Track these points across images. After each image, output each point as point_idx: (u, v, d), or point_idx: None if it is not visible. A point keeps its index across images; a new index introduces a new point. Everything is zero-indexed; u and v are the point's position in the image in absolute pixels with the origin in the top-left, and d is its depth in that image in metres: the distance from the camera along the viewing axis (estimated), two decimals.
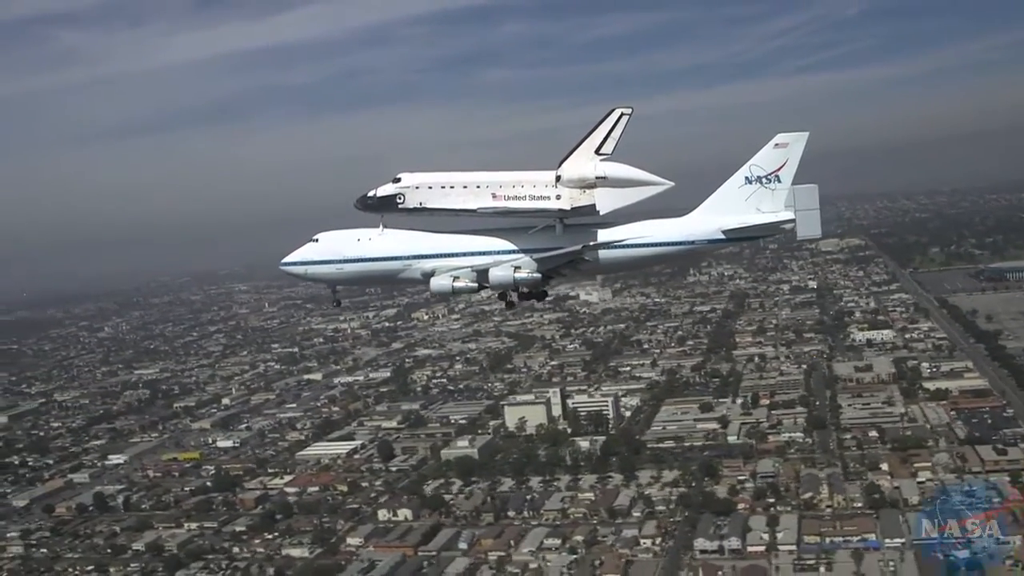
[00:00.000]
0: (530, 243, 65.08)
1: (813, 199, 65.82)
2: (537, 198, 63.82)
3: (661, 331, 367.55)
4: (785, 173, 65.92)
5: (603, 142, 63.49)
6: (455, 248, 65.72)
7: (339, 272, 66.60)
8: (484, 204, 63.67)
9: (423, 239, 66.02)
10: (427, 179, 64.29)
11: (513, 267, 63.43)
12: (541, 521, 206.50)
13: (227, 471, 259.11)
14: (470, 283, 64.11)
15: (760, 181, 65.88)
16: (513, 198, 63.91)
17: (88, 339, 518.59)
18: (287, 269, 67.54)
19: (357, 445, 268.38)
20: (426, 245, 65.86)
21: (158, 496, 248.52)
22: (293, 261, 66.82)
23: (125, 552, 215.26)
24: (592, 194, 63.88)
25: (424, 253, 65.67)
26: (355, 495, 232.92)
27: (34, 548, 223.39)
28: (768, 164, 66.07)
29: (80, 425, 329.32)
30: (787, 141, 66.02)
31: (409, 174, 64.26)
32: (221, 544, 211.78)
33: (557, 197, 63.88)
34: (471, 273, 64.11)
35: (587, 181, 63.65)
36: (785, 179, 65.89)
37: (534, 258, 63.72)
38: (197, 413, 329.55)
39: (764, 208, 65.97)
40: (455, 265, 64.68)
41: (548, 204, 63.96)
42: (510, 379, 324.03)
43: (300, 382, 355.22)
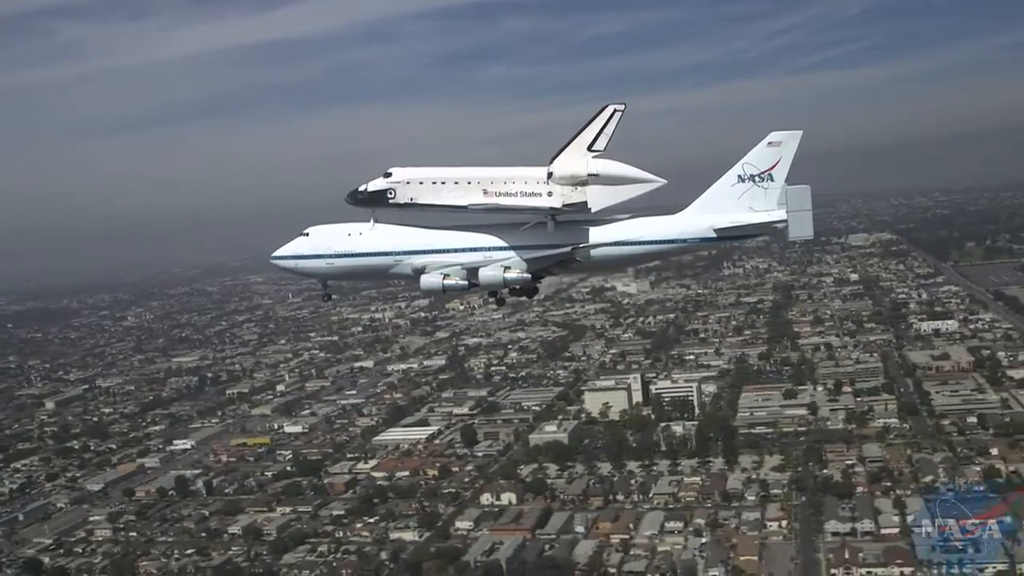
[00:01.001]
0: (521, 240, 64.73)
1: (806, 200, 64.72)
2: (528, 195, 63.54)
3: (713, 321, 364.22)
4: (778, 172, 65.35)
5: (596, 139, 63.07)
6: (446, 244, 65.43)
7: (329, 267, 66.35)
8: (475, 200, 63.32)
9: (413, 235, 65.88)
10: (418, 174, 64.19)
11: (503, 267, 63.51)
12: (653, 505, 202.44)
13: (304, 456, 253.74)
14: (460, 281, 64.05)
15: (753, 179, 65.42)
16: (504, 195, 63.62)
17: (113, 328, 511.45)
18: (277, 263, 67.33)
19: (434, 431, 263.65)
20: (416, 241, 65.65)
21: (239, 480, 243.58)
22: (283, 255, 66.70)
23: (221, 536, 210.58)
24: (584, 191, 63.43)
25: (414, 249, 65.45)
26: (447, 479, 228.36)
27: (122, 531, 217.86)
28: (761, 162, 65.56)
29: (133, 411, 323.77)
30: (780, 139, 65.39)
31: (400, 169, 64.20)
32: (322, 528, 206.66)
33: (549, 194, 63.50)
34: (461, 271, 64.02)
35: (579, 178, 63.23)
36: (778, 178, 65.27)
37: (524, 258, 63.82)
38: (253, 399, 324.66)
39: (757, 207, 65.55)
40: (446, 261, 64.63)
41: (539, 201, 63.59)
42: (571, 367, 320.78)
43: (352, 369, 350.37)
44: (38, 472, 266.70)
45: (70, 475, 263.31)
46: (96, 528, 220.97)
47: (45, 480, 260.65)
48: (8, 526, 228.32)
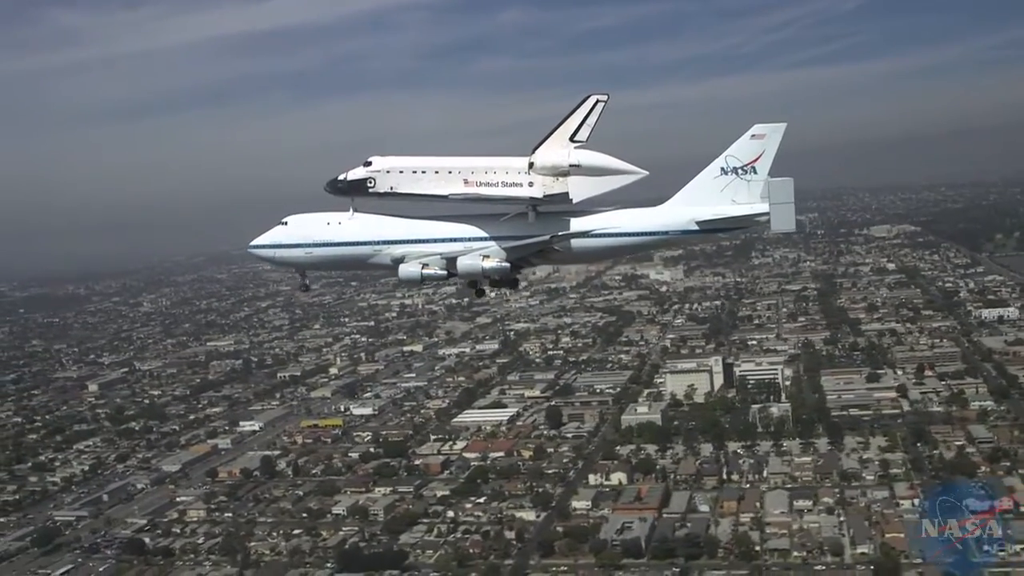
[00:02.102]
0: (502, 230, 63.83)
1: (788, 192, 63.46)
2: (509, 185, 62.57)
3: (762, 307, 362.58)
4: (761, 164, 64.22)
5: (578, 129, 61.99)
6: (425, 234, 64.43)
7: (307, 256, 65.15)
8: (455, 190, 62.28)
9: (393, 224, 64.90)
10: (398, 163, 62.82)
11: (482, 256, 62.39)
12: (771, 484, 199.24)
13: (385, 437, 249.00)
14: (439, 271, 62.89)
15: (736, 172, 64.33)
16: (485, 184, 62.59)
17: (130, 313, 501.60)
18: (255, 252, 66.05)
19: (513, 413, 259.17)
20: (396, 230, 64.71)
21: (322, 461, 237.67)
22: (261, 244, 65.30)
23: (324, 516, 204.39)
24: (565, 182, 62.46)
25: (394, 238, 64.44)
26: (544, 460, 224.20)
27: (216, 512, 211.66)
28: (744, 155, 64.47)
29: (184, 393, 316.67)
30: (764, 132, 64.44)
31: (380, 158, 62.81)
32: (430, 508, 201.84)
33: (530, 184, 62.57)
34: (440, 261, 62.87)
35: (560, 168, 62.24)
36: (761, 170, 64.13)
37: (503, 247, 62.70)
38: (307, 382, 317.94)
39: (739, 199, 64.40)
40: (425, 251, 63.58)
41: (520, 191, 62.65)
42: (632, 351, 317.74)
43: (403, 354, 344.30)
44: (105, 453, 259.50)
45: (140, 456, 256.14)
46: (188, 508, 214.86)
47: (116, 461, 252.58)
48: (93, 506, 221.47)
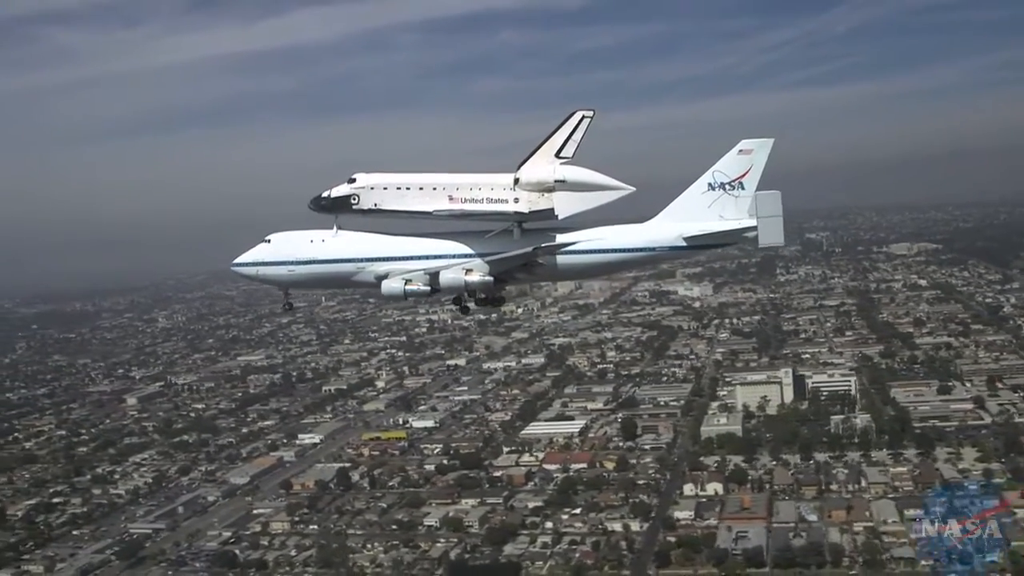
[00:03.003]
0: (487, 247, 63.34)
1: (776, 205, 63.94)
2: (495, 201, 62.24)
3: (805, 322, 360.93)
4: (749, 180, 64.52)
5: (563, 145, 61.88)
6: (410, 251, 64.12)
7: (290, 274, 64.54)
8: (440, 206, 61.99)
9: (377, 241, 64.46)
10: (382, 180, 62.50)
11: (464, 270, 61.88)
12: (873, 494, 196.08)
13: (456, 449, 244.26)
14: (422, 286, 62.35)
15: (723, 188, 64.59)
16: (470, 201, 62.27)
17: (147, 329, 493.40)
18: (238, 270, 65.77)
19: (582, 425, 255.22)
20: (380, 248, 64.30)
21: (397, 473, 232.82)
22: (244, 262, 65.02)
23: (415, 528, 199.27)
24: (551, 198, 62.25)
25: (378, 256, 64.06)
26: (630, 471, 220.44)
27: (300, 524, 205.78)
28: (732, 170, 64.71)
29: (229, 407, 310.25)
30: (752, 147, 64.65)
31: (364, 174, 62.46)
32: (527, 519, 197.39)
33: (515, 200, 62.27)
34: (423, 276, 62.36)
35: (546, 184, 61.98)
36: (749, 186, 64.46)
37: (487, 260, 62.09)
38: (356, 396, 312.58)
39: (727, 215, 64.62)
40: (409, 268, 62.99)
41: (506, 207, 62.33)
42: (685, 364, 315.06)
43: (448, 367, 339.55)
44: (165, 466, 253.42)
45: (203, 469, 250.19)
46: (271, 521, 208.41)
47: (178, 474, 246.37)
48: (168, 519, 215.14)
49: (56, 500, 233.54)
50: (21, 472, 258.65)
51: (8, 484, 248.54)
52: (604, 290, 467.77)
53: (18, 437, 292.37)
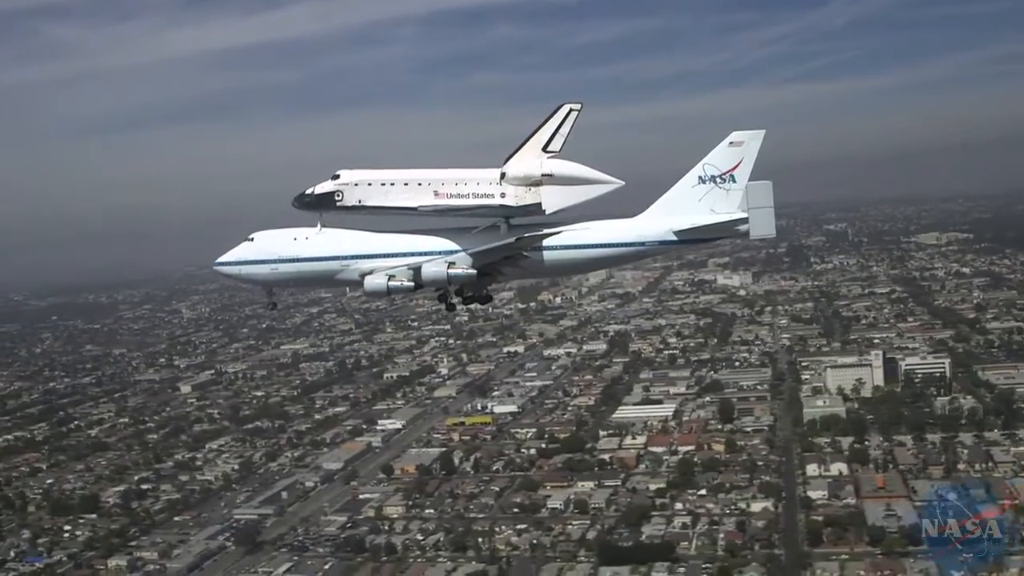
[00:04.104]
0: (473, 243, 61.45)
1: (767, 196, 61.73)
2: (481, 196, 60.74)
3: (861, 308, 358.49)
4: (740, 172, 62.65)
5: (551, 139, 60.35)
6: (395, 248, 62.35)
7: (273, 273, 62.77)
8: (425, 202, 60.52)
9: (362, 239, 62.78)
10: (366, 176, 61.08)
11: (447, 263, 60.04)
12: (1004, 473, 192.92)
13: (551, 434, 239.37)
14: (406, 282, 60.46)
15: (714, 181, 62.81)
16: (456, 196, 60.75)
17: (173, 319, 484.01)
18: (221, 270, 63.87)
19: (672, 408, 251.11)
20: (365, 245, 62.63)
21: (496, 457, 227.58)
22: (227, 261, 63.12)
23: (539, 511, 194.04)
24: (538, 192, 60.68)
25: (362, 253, 62.37)
26: (741, 452, 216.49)
27: (415, 508, 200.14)
28: (722, 163, 62.95)
29: (291, 394, 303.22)
30: (742, 139, 62.76)
31: (348, 171, 61.05)
32: (653, 500, 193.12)
33: (502, 195, 60.70)
34: (407, 272, 60.47)
35: (533, 179, 60.44)
36: (740, 179, 62.58)
37: (470, 253, 60.49)
38: (420, 382, 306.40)
39: (718, 209, 62.78)
40: (394, 266, 61.33)
41: (492, 202, 60.77)
42: (754, 350, 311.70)
43: (508, 354, 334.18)
44: (248, 452, 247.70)
45: (289, 455, 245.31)
46: (384, 505, 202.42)
47: (265, 460, 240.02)
48: (273, 504, 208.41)
49: (144, 487, 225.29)
50: (95, 459, 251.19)
51: (87, 471, 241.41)
52: (638, 279, 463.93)
53: (80, 425, 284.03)
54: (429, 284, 60.91)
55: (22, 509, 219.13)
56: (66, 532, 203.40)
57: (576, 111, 60.10)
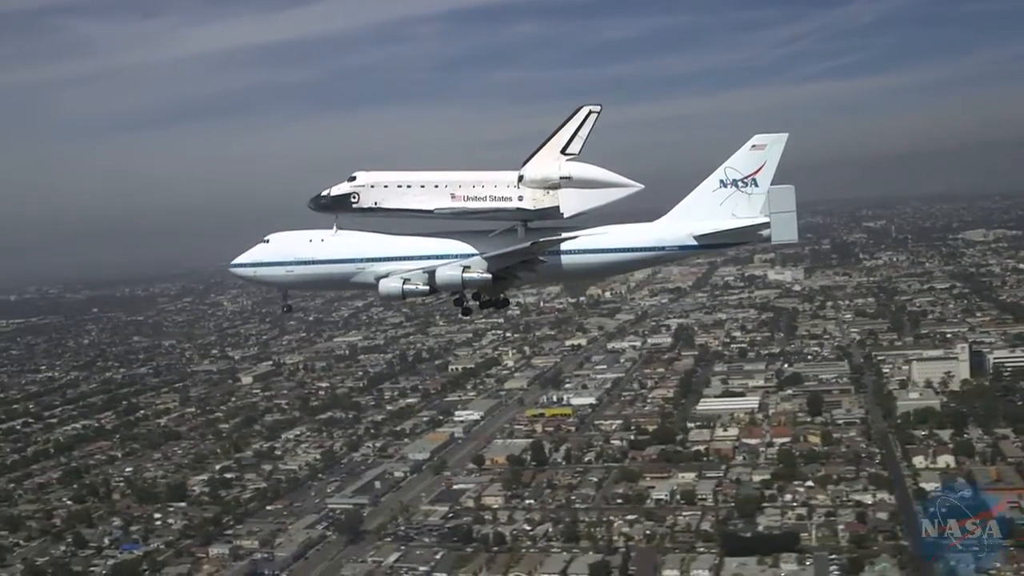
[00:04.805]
0: (490, 246, 60.56)
1: (790, 201, 60.81)
2: (498, 199, 59.75)
3: (924, 303, 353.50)
4: (763, 176, 61.45)
5: (570, 141, 59.07)
6: (411, 251, 61.57)
7: (289, 275, 62.02)
8: (442, 205, 59.50)
9: (378, 241, 62.00)
10: (383, 178, 60.02)
11: (462, 267, 59.07)
12: None
13: (638, 425, 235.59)
14: (421, 286, 59.68)
15: (736, 184, 61.61)
16: (473, 199, 59.76)
17: (217, 312, 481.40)
18: (236, 271, 63.39)
19: (756, 401, 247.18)
20: (381, 247, 61.84)
21: (585, 448, 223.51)
22: (242, 263, 62.47)
23: (644, 502, 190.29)
24: (556, 195, 59.51)
25: (378, 256, 61.55)
26: (839, 444, 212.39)
27: (516, 499, 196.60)
28: (744, 167, 61.65)
29: (358, 386, 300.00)
30: (765, 143, 61.48)
31: (364, 173, 60.10)
32: (761, 491, 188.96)
33: (519, 198, 59.65)
34: (422, 275, 59.66)
35: (551, 182, 59.29)
36: (763, 183, 61.40)
37: (485, 257, 59.40)
38: (487, 374, 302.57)
39: (740, 213, 61.65)
40: (410, 269, 60.46)
41: (509, 205, 59.69)
42: (823, 344, 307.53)
43: (572, 348, 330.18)
44: (326, 442, 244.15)
45: (369, 445, 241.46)
46: (483, 495, 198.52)
47: (347, 449, 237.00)
48: (367, 494, 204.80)
49: (227, 476, 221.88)
50: (170, 448, 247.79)
51: (165, 460, 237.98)
52: (685, 274, 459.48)
53: (147, 415, 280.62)
54: (444, 288, 59.99)
55: (106, 497, 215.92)
56: (157, 520, 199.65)
57: (596, 113, 58.75)
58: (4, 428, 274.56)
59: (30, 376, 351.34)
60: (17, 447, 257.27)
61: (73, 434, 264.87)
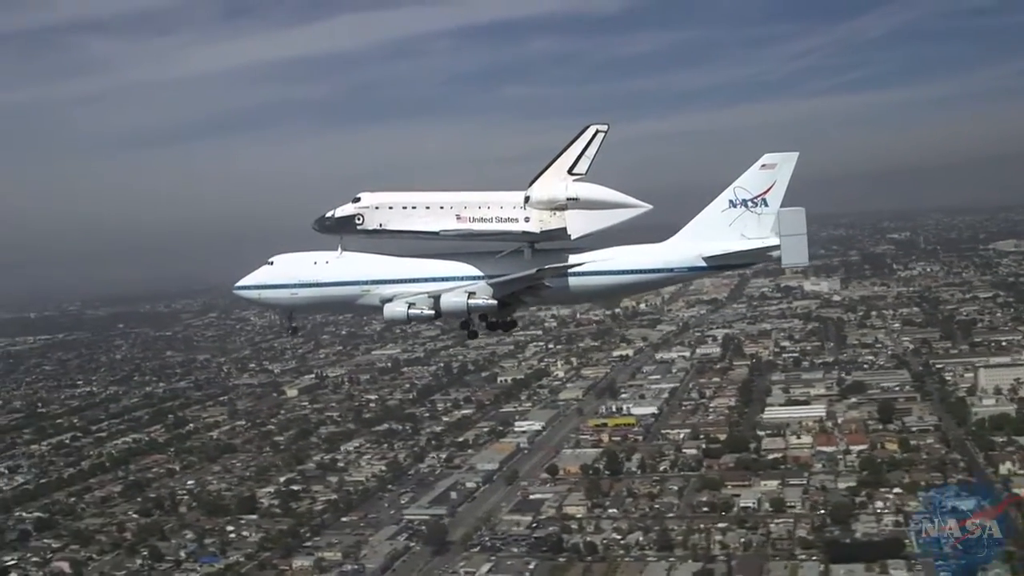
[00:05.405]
0: (496, 269, 60.07)
1: (800, 223, 60.08)
2: (504, 220, 59.15)
3: (969, 312, 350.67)
4: (772, 196, 60.86)
5: (577, 161, 58.48)
6: (417, 273, 61.03)
7: (293, 297, 61.88)
8: (447, 226, 58.90)
9: (383, 263, 61.65)
10: (388, 199, 59.78)
11: (467, 292, 58.44)
12: None
13: (707, 434, 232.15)
14: (427, 310, 59.21)
15: (745, 204, 61.05)
16: (479, 220, 59.18)
17: (245, 328, 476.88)
18: (240, 293, 63.25)
19: (822, 409, 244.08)
20: (386, 270, 61.41)
21: (656, 457, 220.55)
22: (246, 285, 62.46)
23: (731, 509, 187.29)
24: (563, 217, 58.97)
25: (384, 278, 61.07)
26: (919, 452, 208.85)
27: (598, 508, 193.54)
28: (754, 186, 61.06)
29: (407, 397, 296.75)
30: (775, 162, 60.88)
31: (369, 194, 59.78)
32: (848, 499, 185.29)
33: (526, 219, 59.08)
34: (428, 300, 59.23)
35: (558, 202, 58.79)
36: (773, 203, 60.86)
37: (490, 283, 58.61)
38: (538, 385, 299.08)
39: (749, 234, 61.03)
40: (416, 292, 59.98)
41: (516, 227, 59.03)
42: (878, 352, 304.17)
43: (620, 358, 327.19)
44: (388, 454, 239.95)
45: (433, 456, 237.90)
46: (564, 504, 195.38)
47: (412, 460, 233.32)
48: (443, 505, 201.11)
49: (294, 488, 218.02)
50: (228, 461, 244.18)
51: (226, 472, 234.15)
52: (718, 286, 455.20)
53: (197, 428, 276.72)
54: (449, 315, 59.30)
55: (172, 510, 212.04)
56: (230, 533, 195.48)
57: (603, 132, 57.99)
58: (54, 443, 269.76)
59: (68, 391, 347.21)
60: (70, 460, 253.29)
61: (125, 448, 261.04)
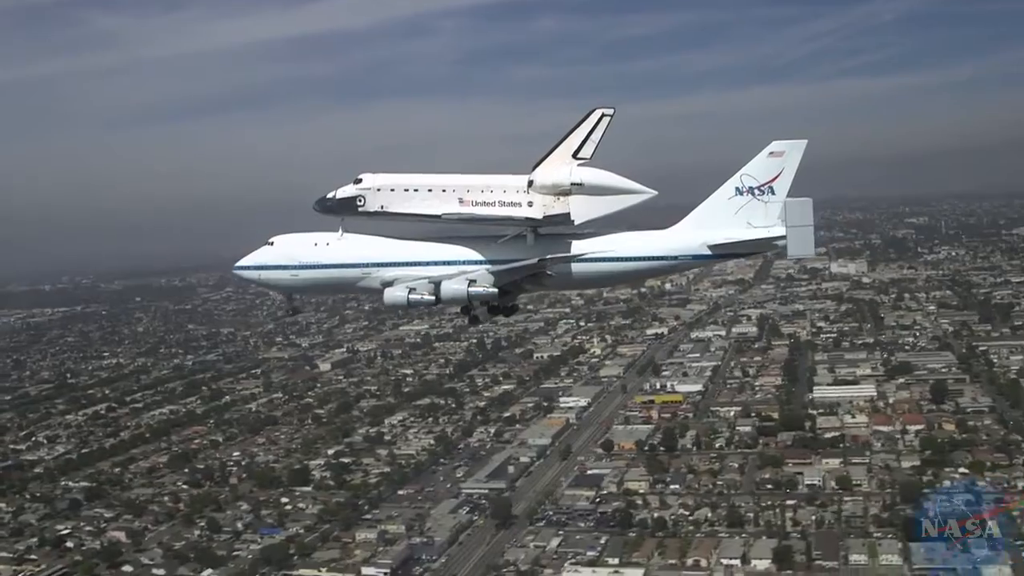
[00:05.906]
0: (499, 253, 59.13)
1: (807, 214, 58.54)
2: (507, 204, 58.18)
3: (1005, 296, 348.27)
4: (780, 184, 59.50)
5: (581, 145, 57.34)
6: (418, 256, 59.72)
7: (293, 278, 60.63)
8: (450, 210, 58.00)
9: (384, 246, 60.41)
10: (389, 181, 58.61)
11: (468, 280, 57.00)
12: None
13: (759, 412, 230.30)
14: (427, 296, 57.46)
15: (752, 192, 59.69)
16: (481, 204, 58.24)
17: (266, 302, 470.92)
18: (240, 274, 61.84)
19: (871, 389, 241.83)
20: (387, 252, 60.21)
21: (709, 434, 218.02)
22: (246, 265, 61.07)
23: (796, 487, 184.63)
24: (567, 202, 57.85)
25: (384, 261, 59.79)
26: (976, 432, 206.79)
27: (660, 484, 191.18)
28: (761, 174, 59.76)
29: (444, 372, 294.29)
30: (783, 149, 59.57)
31: (371, 175, 58.64)
32: (918, 477, 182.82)
33: (529, 204, 58.09)
34: (428, 285, 57.54)
35: (561, 187, 57.58)
36: (780, 191, 59.45)
37: (491, 271, 57.65)
38: (577, 362, 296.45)
39: (755, 222, 59.66)
40: (418, 275, 58.75)
41: (518, 211, 57.99)
42: (919, 333, 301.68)
43: (655, 336, 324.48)
44: (434, 428, 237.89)
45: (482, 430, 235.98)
46: (625, 479, 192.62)
47: (460, 435, 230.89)
48: (500, 479, 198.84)
49: (343, 460, 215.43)
50: (271, 433, 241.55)
51: (272, 445, 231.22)
52: (742, 267, 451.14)
53: (234, 400, 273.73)
54: (449, 302, 58.33)
55: (222, 481, 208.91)
56: (286, 504, 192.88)
57: (609, 116, 56.94)
58: (89, 413, 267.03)
59: (95, 362, 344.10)
60: (109, 431, 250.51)
61: (163, 419, 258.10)
